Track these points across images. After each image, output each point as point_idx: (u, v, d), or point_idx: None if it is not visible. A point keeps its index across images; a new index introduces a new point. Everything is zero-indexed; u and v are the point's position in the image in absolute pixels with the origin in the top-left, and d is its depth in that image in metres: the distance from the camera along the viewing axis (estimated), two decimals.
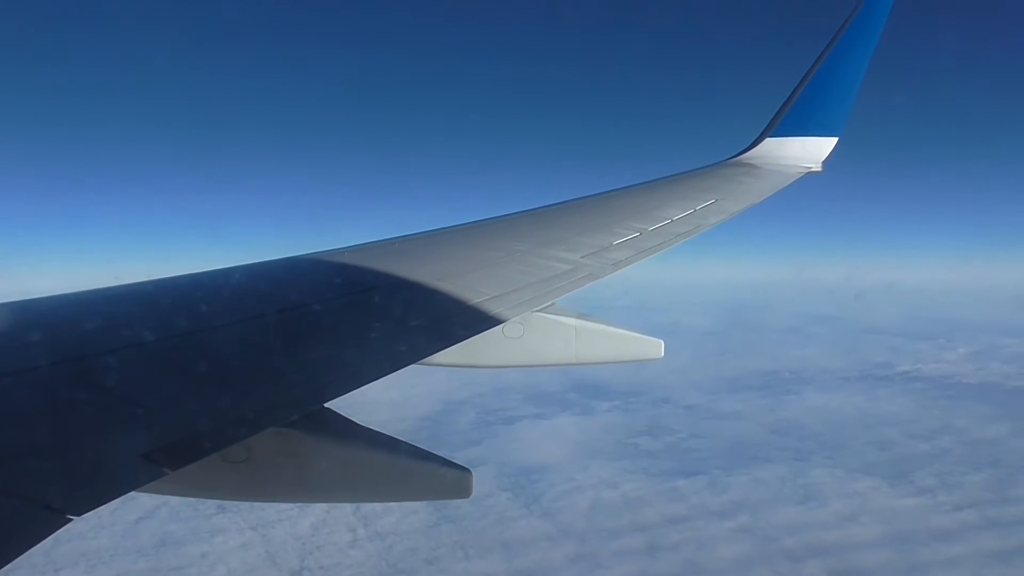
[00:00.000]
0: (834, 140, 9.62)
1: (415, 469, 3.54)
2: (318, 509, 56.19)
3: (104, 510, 2.30)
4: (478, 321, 4.56)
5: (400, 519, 55.61)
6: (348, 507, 55.16)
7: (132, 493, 2.56)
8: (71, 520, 2.15)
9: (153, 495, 3.36)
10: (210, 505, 54.38)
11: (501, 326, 4.79)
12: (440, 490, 3.65)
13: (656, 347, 5.84)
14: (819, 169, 9.55)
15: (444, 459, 3.62)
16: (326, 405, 3.35)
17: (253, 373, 3.46)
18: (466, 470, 3.61)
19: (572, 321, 5.57)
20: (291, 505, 46.66)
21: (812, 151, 9.59)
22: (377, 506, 52.98)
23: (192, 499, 3.86)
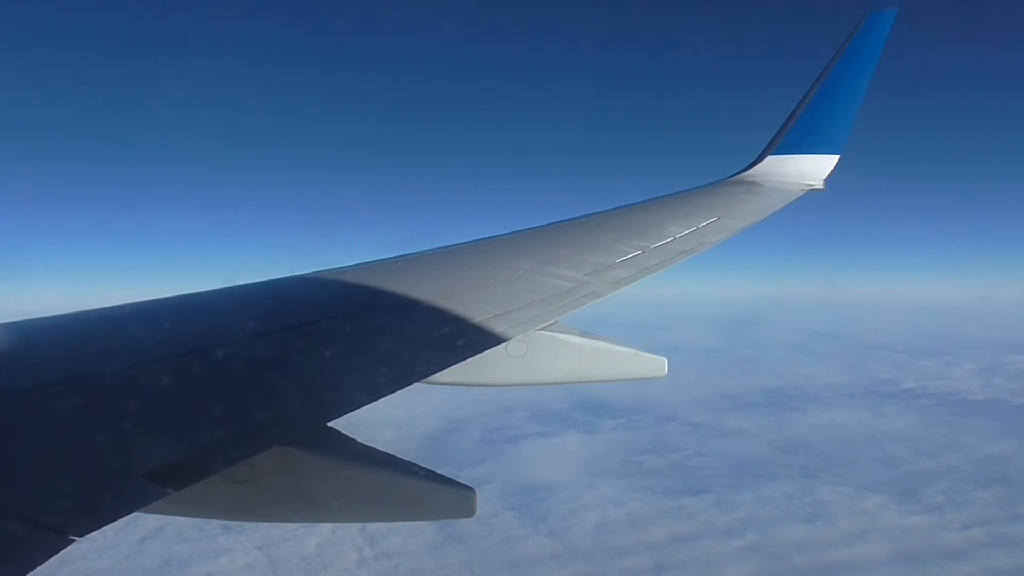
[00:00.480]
0: (836, 157, 9.66)
1: (418, 489, 3.51)
2: (324, 529, 55.86)
3: (108, 530, 2.29)
4: (481, 339, 4.55)
5: (406, 538, 55.31)
6: (354, 527, 54.87)
7: (137, 513, 2.55)
8: (74, 541, 2.13)
9: (157, 515, 3.35)
10: (215, 525, 54.19)
11: (504, 344, 4.77)
12: (443, 510, 3.61)
13: (660, 365, 5.80)
14: (821, 186, 9.58)
15: (447, 478, 3.59)
16: (329, 424, 3.35)
17: (256, 392, 3.43)
18: (470, 489, 3.55)
19: (575, 339, 5.57)
20: (296, 525, 46.47)
21: (814, 168, 9.64)
22: (383, 525, 52.74)
23: (196, 519, 3.96)
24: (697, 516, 61.36)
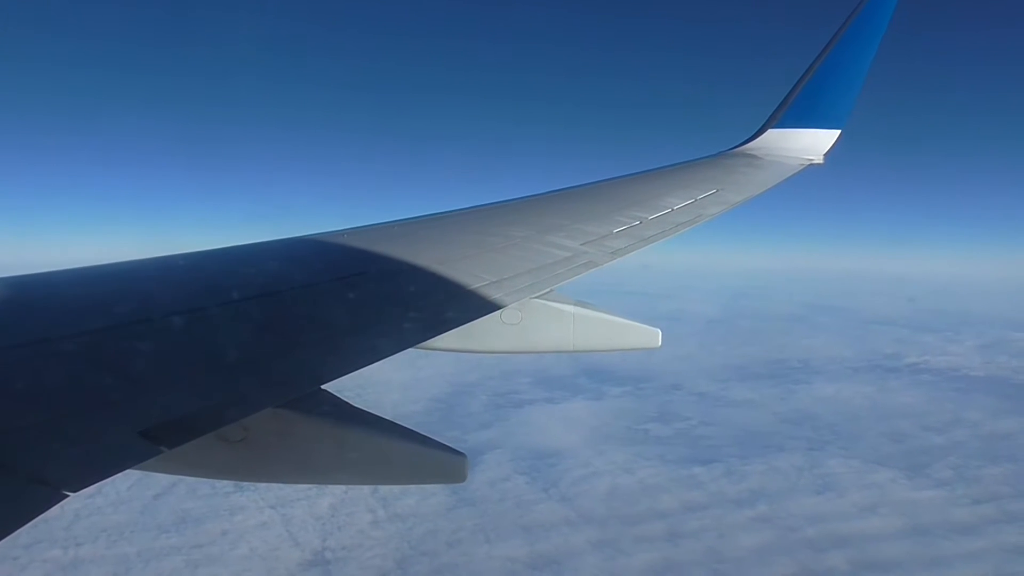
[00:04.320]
0: (836, 132, 9.64)
1: (410, 452, 3.56)
2: (336, 490, 55.89)
3: (122, 486, 2.10)
4: (476, 306, 4.60)
5: (419, 501, 55.45)
6: (366, 488, 54.72)
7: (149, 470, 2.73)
8: (67, 496, 2.16)
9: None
10: (227, 483, 54.20)
11: (499, 312, 4.81)
12: (435, 474, 3.67)
13: (654, 336, 5.86)
14: (821, 161, 9.59)
15: (440, 443, 3.63)
16: (323, 387, 3.38)
17: (251, 354, 3.45)
18: (461, 455, 3.61)
19: (570, 308, 5.60)
20: (308, 485, 46.48)
21: (814, 143, 9.65)
22: (395, 488, 52.76)
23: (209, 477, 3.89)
24: (707, 486, 61.53)
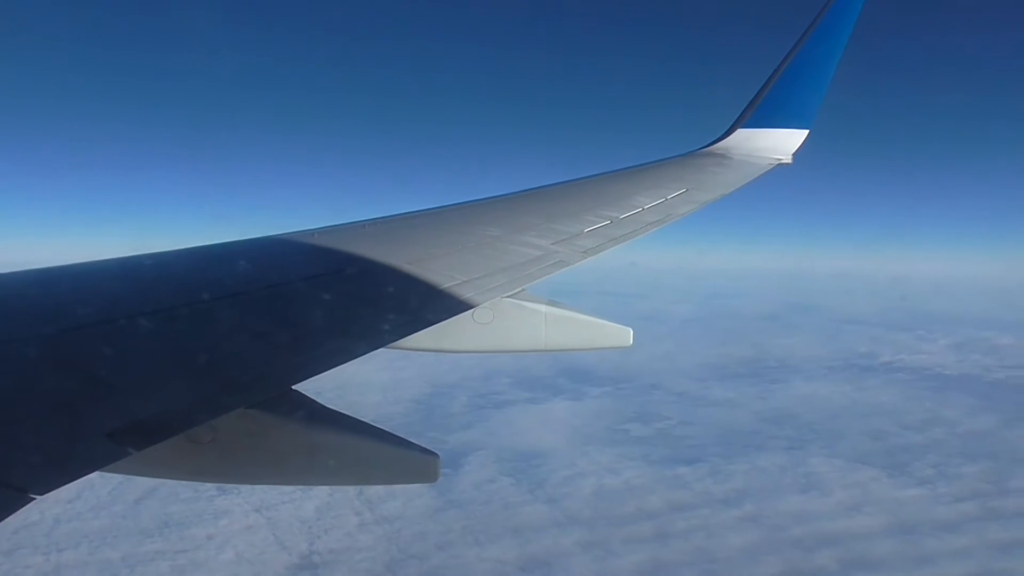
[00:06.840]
0: (805, 132, 9.72)
1: (382, 453, 3.54)
2: (321, 492, 55.51)
3: (102, 491, 1.91)
4: (448, 306, 4.58)
5: (405, 503, 55.13)
6: (351, 491, 54.55)
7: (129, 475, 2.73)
8: (34, 499, 2.11)
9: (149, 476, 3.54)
10: (210, 487, 53.41)
11: (471, 311, 4.78)
12: (407, 474, 3.66)
13: (625, 335, 5.84)
14: (789, 161, 9.67)
15: (411, 443, 3.61)
16: (294, 387, 3.33)
17: (221, 353, 3.39)
18: (433, 454, 3.60)
19: (542, 308, 5.60)
20: (293, 487, 46.13)
21: (783, 143, 9.73)
22: (381, 490, 52.55)
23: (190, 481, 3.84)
24: (693, 486, 61.86)
